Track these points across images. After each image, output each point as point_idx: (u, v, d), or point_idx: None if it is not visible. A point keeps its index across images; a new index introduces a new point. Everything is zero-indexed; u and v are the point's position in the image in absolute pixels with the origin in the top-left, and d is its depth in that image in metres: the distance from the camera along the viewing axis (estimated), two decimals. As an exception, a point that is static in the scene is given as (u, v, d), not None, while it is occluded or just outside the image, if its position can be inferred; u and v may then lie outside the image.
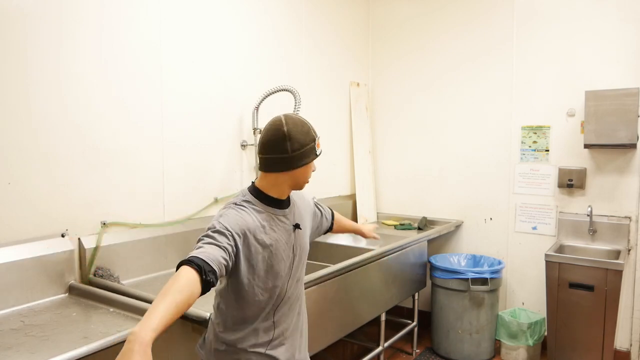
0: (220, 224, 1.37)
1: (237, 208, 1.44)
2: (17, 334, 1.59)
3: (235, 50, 2.83)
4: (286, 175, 1.48)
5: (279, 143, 1.44)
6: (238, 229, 1.38)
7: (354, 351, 3.27)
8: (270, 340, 1.50)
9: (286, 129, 1.45)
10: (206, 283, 1.21)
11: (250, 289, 1.43)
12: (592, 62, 3.18)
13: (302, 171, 1.50)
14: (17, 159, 1.86)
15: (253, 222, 1.42)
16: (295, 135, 1.46)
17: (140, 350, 0.99)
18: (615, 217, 3.16)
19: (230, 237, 1.35)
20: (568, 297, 2.92)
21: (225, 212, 1.44)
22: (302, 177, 1.52)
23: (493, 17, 3.56)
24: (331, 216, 1.90)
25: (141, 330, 1.02)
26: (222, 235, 1.34)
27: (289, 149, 1.44)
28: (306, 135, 1.49)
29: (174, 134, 2.47)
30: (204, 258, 1.24)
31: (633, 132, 2.92)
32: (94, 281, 2.05)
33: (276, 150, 1.44)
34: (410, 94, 3.96)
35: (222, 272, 1.29)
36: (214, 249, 1.29)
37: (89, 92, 2.08)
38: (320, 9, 3.53)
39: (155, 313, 1.07)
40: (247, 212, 1.43)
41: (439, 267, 3.33)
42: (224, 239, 1.33)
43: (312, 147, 1.50)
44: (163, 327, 1.06)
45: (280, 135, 1.44)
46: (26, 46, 1.87)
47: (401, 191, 4.06)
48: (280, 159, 1.45)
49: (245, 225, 1.40)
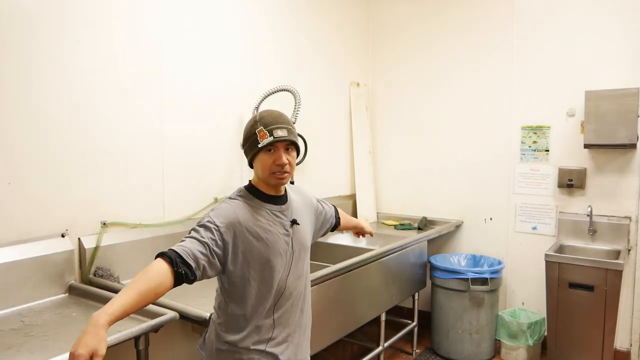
0: (209, 218, 1.41)
1: (230, 202, 1.48)
2: (17, 334, 1.59)
3: (236, 50, 2.83)
4: (253, 170, 1.52)
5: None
6: (227, 222, 1.40)
7: (354, 351, 3.27)
8: (271, 338, 1.49)
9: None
10: (178, 275, 1.27)
11: (245, 282, 1.43)
12: (592, 62, 3.18)
13: (256, 165, 1.49)
14: (17, 159, 1.86)
15: (245, 215, 1.44)
16: (244, 130, 1.51)
17: (92, 331, 1.07)
18: (615, 217, 3.16)
19: (215, 232, 1.37)
20: (568, 297, 2.92)
21: (218, 205, 1.47)
22: (259, 172, 1.48)
23: (493, 17, 3.56)
24: (335, 212, 1.89)
25: (98, 314, 1.11)
26: (207, 229, 1.38)
27: (242, 144, 1.53)
28: (249, 129, 1.49)
29: (174, 134, 2.47)
30: (178, 251, 1.30)
31: (633, 132, 2.92)
32: (94, 281, 2.05)
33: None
34: (411, 94, 3.96)
35: (200, 265, 1.32)
36: (193, 243, 1.34)
37: (89, 92, 2.08)
38: (320, 9, 3.53)
39: (117, 300, 1.16)
40: (240, 206, 1.46)
41: (439, 267, 3.33)
42: (208, 233, 1.37)
43: (253, 140, 1.45)
44: (120, 313, 1.14)
45: None
46: (26, 46, 1.87)
47: (401, 191, 4.06)
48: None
49: (235, 218, 1.42)
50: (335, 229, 1.92)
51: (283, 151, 1.46)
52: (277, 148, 1.45)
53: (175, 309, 1.74)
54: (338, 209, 1.94)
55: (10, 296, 1.80)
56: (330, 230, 1.89)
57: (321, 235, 1.85)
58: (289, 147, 1.48)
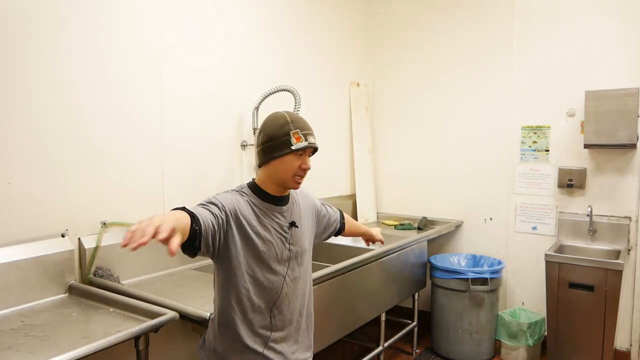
0: (215, 199, 1.42)
1: (233, 193, 1.48)
2: (17, 334, 1.59)
3: (235, 49, 2.82)
4: (265, 170, 1.51)
5: (257, 137, 1.52)
6: (231, 207, 1.42)
7: (354, 351, 3.27)
8: (269, 339, 1.49)
9: (263, 122, 1.52)
10: (193, 231, 1.26)
11: (240, 274, 1.43)
12: (592, 62, 3.18)
13: (276, 165, 1.46)
14: (17, 159, 1.86)
15: (246, 210, 1.45)
16: (265, 128, 1.50)
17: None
18: (615, 217, 3.16)
19: (222, 211, 1.39)
20: (568, 297, 2.92)
21: (222, 193, 1.48)
22: (279, 173, 1.47)
23: (493, 17, 3.56)
24: (340, 216, 1.88)
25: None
26: (215, 206, 1.39)
27: (259, 142, 1.50)
28: (279, 128, 1.46)
29: (174, 134, 2.47)
30: (194, 212, 1.30)
31: (633, 132, 2.92)
32: (94, 281, 2.05)
33: (256, 144, 1.54)
34: (410, 94, 3.96)
35: (208, 232, 1.32)
36: (204, 211, 1.34)
37: (89, 92, 2.08)
38: (320, 9, 3.53)
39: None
40: (243, 200, 1.46)
41: (439, 267, 3.33)
42: (216, 209, 1.38)
43: (284, 140, 1.44)
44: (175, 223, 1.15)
45: (259, 129, 1.52)
46: (27, 46, 1.87)
47: (401, 191, 4.06)
48: (257, 153, 1.52)
49: (238, 208, 1.43)
50: (339, 234, 1.90)
51: (308, 157, 1.50)
52: (305, 153, 1.48)
53: (175, 309, 1.73)
54: (345, 214, 1.93)
55: (10, 296, 1.80)
56: (335, 235, 1.87)
57: (324, 239, 1.84)
58: (311, 154, 1.52)
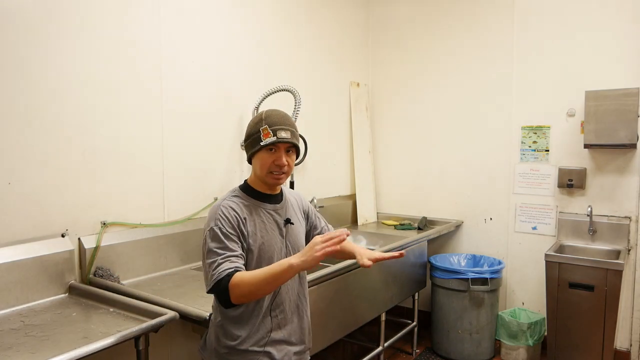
0: (220, 226, 1.42)
1: (224, 206, 1.46)
2: (17, 334, 1.59)
3: (235, 49, 2.82)
4: (251, 167, 1.54)
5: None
6: (235, 222, 1.44)
7: (354, 351, 3.27)
8: (270, 338, 1.50)
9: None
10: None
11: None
12: (592, 62, 3.18)
13: (255, 162, 1.51)
14: (17, 159, 1.86)
15: (242, 212, 1.47)
16: (248, 126, 1.53)
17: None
18: (615, 217, 3.16)
19: (236, 238, 1.43)
20: (568, 297, 2.92)
21: (216, 211, 1.45)
22: (257, 170, 1.51)
23: (493, 17, 3.55)
24: (322, 230, 1.73)
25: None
26: (232, 241, 1.41)
27: (244, 140, 1.55)
28: (253, 126, 1.50)
29: (174, 134, 2.47)
30: (239, 267, 1.39)
31: (633, 132, 2.92)
32: (94, 281, 2.05)
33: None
34: (410, 94, 3.96)
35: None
36: (237, 258, 1.40)
37: (89, 92, 2.08)
38: (320, 9, 3.53)
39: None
40: (235, 205, 1.47)
41: (439, 267, 3.33)
42: (234, 244, 1.41)
43: (256, 137, 1.47)
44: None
45: None
46: (27, 46, 1.87)
47: (401, 191, 4.06)
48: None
49: (235, 219, 1.44)
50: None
51: (284, 152, 1.48)
52: (278, 148, 1.47)
53: (175, 309, 1.74)
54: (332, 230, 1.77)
55: (10, 296, 1.80)
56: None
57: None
58: (289, 149, 1.50)
